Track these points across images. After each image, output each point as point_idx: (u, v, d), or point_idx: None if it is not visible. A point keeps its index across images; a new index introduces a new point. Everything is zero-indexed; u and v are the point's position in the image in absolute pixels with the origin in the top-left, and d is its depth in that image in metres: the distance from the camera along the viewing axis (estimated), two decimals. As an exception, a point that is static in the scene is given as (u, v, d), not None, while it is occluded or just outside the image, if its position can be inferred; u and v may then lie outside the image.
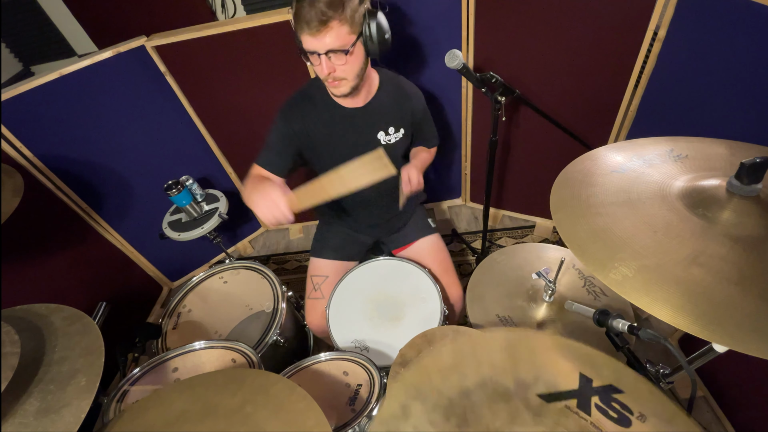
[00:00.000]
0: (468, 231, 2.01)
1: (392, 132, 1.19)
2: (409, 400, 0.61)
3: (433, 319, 1.12)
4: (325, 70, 0.96)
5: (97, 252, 1.67)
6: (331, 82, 1.01)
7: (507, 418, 0.59)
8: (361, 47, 0.98)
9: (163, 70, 1.51)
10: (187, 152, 1.76)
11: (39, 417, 0.64)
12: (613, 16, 1.21)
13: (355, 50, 0.96)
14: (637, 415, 0.58)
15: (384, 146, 1.19)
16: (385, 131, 1.18)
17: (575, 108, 1.45)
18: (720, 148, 0.74)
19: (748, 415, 1.17)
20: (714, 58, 1.10)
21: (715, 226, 0.58)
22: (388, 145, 1.20)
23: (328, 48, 0.92)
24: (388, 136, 1.19)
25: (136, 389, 1.01)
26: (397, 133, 1.20)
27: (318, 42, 0.92)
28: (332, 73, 0.97)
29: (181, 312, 1.32)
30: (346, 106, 1.14)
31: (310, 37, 0.91)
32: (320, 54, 0.93)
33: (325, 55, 0.94)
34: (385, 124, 1.18)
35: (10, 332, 0.70)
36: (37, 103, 1.35)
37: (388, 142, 1.19)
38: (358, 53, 0.98)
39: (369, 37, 0.96)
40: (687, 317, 0.49)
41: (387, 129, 1.18)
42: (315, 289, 1.32)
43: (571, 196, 0.71)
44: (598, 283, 1.06)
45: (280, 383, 0.75)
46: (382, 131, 1.18)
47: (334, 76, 0.98)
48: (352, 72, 1.00)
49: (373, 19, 0.95)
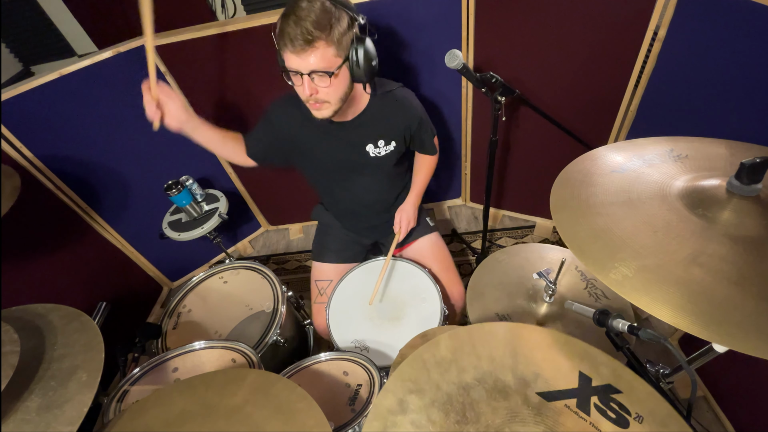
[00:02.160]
0: (468, 231, 2.01)
1: (382, 145, 1.16)
2: (407, 394, 0.61)
3: (433, 319, 1.12)
4: (307, 91, 0.92)
5: (97, 252, 1.67)
6: (313, 104, 0.97)
7: (507, 415, 0.59)
8: (347, 72, 0.95)
9: (163, 70, 1.51)
10: (187, 152, 1.75)
11: (41, 413, 0.64)
12: (613, 16, 1.21)
13: (340, 74, 0.93)
14: (634, 416, 0.58)
15: (373, 158, 1.17)
16: (374, 144, 1.15)
17: (575, 108, 1.45)
18: (720, 148, 0.74)
19: (748, 415, 1.17)
20: (714, 58, 1.10)
21: (715, 226, 0.58)
22: (377, 158, 1.17)
23: (312, 69, 0.88)
24: (378, 149, 1.16)
25: (136, 389, 1.01)
26: (388, 146, 1.16)
27: (301, 61, 0.88)
28: (314, 95, 0.94)
29: (181, 312, 1.32)
30: (334, 120, 1.10)
31: (293, 55, 0.87)
32: (303, 74, 0.90)
33: (307, 76, 0.90)
34: (375, 138, 1.15)
35: (9, 331, 0.70)
36: (37, 103, 1.35)
37: (378, 154, 1.17)
38: (342, 77, 0.94)
39: (356, 62, 0.92)
40: (687, 317, 0.49)
41: (376, 142, 1.15)
42: (320, 293, 1.32)
43: (571, 196, 0.71)
44: (600, 285, 1.06)
45: (280, 383, 0.75)
46: (371, 144, 1.15)
47: (315, 98, 0.95)
48: (335, 96, 0.96)
49: (360, 44, 0.91)
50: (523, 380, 0.63)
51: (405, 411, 0.59)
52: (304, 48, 0.86)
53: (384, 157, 1.18)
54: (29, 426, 0.63)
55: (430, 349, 0.67)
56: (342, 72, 0.93)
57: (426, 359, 0.65)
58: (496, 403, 0.60)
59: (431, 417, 0.58)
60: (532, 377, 0.63)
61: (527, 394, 0.61)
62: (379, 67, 0.98)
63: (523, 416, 0.59)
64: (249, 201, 2.07)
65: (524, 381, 0.63)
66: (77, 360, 0.71)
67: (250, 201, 2.07)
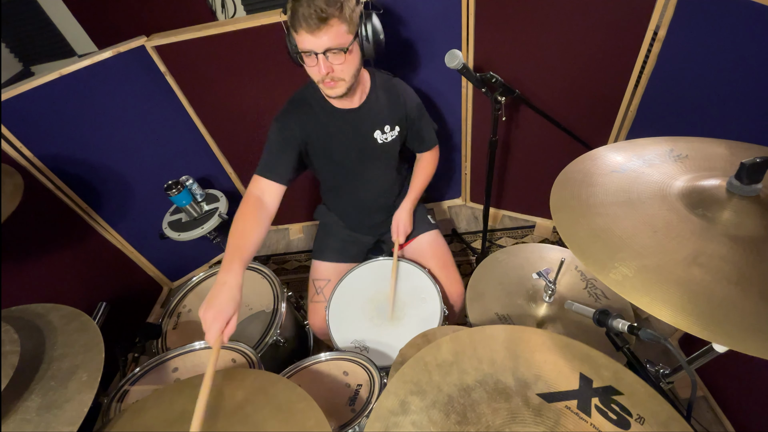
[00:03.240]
0: (468, 231, 2.01)
1: (388, 130, 1.20)
2: (408, 395, 0.61)
3: (432, 319, 1.12)
4: (323, 70, 0.95)
5: (97, 252, 1.67)
6: (328, 83, 0.99)
7: (507, 416, 0.59)
8: (358, 47, 0.98)
9: (163, 70, 1.51)
10: (187, 152, 1.75)
11: (41, 413, 0.65)
12: (613, 16, 1.21)
13: (353, 49, 0.96)
14: (635, 418, 0.58)
15: (381, 144, 1.21)
16: (381, 130, 1.19)
17: (575, 108, 1.45)
18: (720, 148, 0.74)
19: (748, 415, 1.17)
20: (714, 58, 1.10)
21: (715, 226, 0.58)
22: (385, 144, 1.21)
23: (327, 47, 0.91)
24: (384, 134, 1.20)
25: (136, 389, 1.01)
26: (393, 131, 1.21)
27: (316, 40, 0.90)
28: (330, 73, 0.96)
29: (181, 312, 1.32)
30: (342, 108, 1.14)
31: (308, 35, 0.90)
32: (317, 54, 0.92)
33: (322, 55, 0.93)
34: (381, 123, 1.18)
35: (9, 331, 0.70)
36: (37, 103, 1.35)
37: (385, 140, 1.20)
38: (355, 53, 0.98)
39: (365, 37, 0.97)
40: (687, 317, 0.49)
41: (383, 128, 1.19)
42: (317, 292, 1.33)
43: (571, 196, 0.71)
44: (600, 285, 1.06)
45: (280, 383, 0.75)
46: (378, 130, 1.19)
47: (332, 76, 0.98)
48: (349, 72, 0.99)
49: (369, 20, 0.96)
50: (523, 382, 0.63)
51: (406, 412, 0.59)
52: (318, 26, 0.88)
53: (390, 143, 1.22)
54: (29, 426, 0.63)
55: (431, 351, 0.67)
56: (354, 48, 0.97)
57: (428, 361, 0.66)
58: (496, 405, 0.60)
59: (432, 418, 0.58)
60: (532, 379, 0.63)
61: (528, 396, 0.62)
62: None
63: (523, 417, 0.59)
64: (249, 201, 2.07)
65: (525, 383, 0.63)
66: (77, 360, 0.71)
67: (250, 201, 2.07)
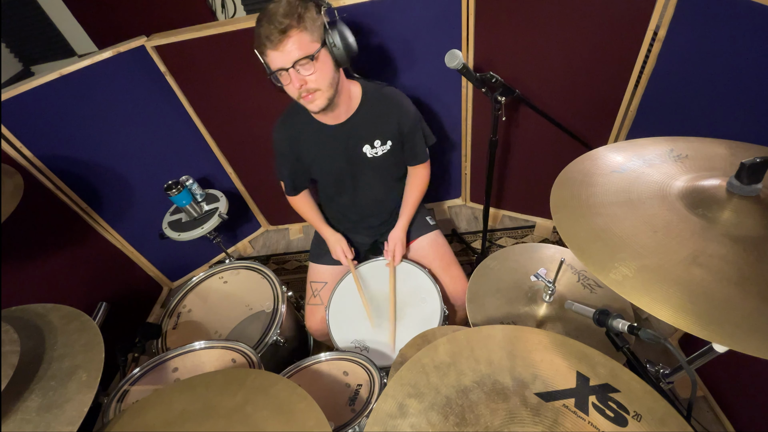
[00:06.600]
0: (468, 231, 2.01)
1: (378, 145, 1.17)
2: (406, 398, 0.61)
3: (433, 319, 1.12)
4: (296, 83, 0.95)
5: (97, 252, 1.67)
6: (305, 97, 0.99)
7: (506, 417, 0.59)
8: (327, 55, 0.97)
9: (163, 70, 1.51)
10: (187, 152, 1.75)
11: (41, 413, 0.65)
12: (613, 16, 1.21)
13: (321, 56, 0.95)
14: (632, 415, 0.58)
15: (371, 159, 1.19)
16: (370, 144, 1.17)
17: (575, 108, 1.45)
18: (720, 148, 0.74)
19: (748, 415, 1.17)
20: (714, 58, 1.10)
21: (715, 226, 0.58)
22: (375, 158, 1.19)
23: (294, 59, 0.91)
24: (375, 149, 1.18)
25: (136, 389, 1.01)
26: (384, 146, 1.18)
27: (282, 55, 0.91)
28: (304, 85, 0.96)
29: (181, 312, 1.32)
30: (330, 124, 1.14)
31: (273, 51, 0.91)
32: (287, 69, 0.92)
33: (293, 69, 0.93)
34: (371, 138, 1.16)
35: (9, 331, 0.70)
36: (37, 103, 1.35)
37: (375, 155, 1.18)
38: (324, 60, 0.96)
39: (333, 44, 0.96)
40: (687, 317, 0.49)
41: (372, 142, 1.17)
42: (314, 295, 1.33)
43: (571, 196, 0.71)
44: (591, 275, 1.06)
45: (280, 383, 0.75)
46: (367, 145, 1.17)
47: (306, 89, 0.97)
48: (323, 81, 0.98)
49: (333, 27, 0.95)
50: (521, 382, 0.63)
51: (404, 415, 0.59)
52: (280, 39, 0.90)
53: (381, 157, 1.19)
54: (29, 426, 0.63)
55: (428, 353, 0.67)
56: (322, 55, 0.96)
57: (425, 363, 0.66)
58: (494, 405, 0.60)
59: (430, 420, 0.58)
60: (530, 378, 0.63)
61: (525, 395, 0.62)
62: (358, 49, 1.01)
63: (521, 417, 0.59)
64: (249, 201, 2.07)
65: (522, 382, 0.63)
66: (77, 360, 0.71)
67: (250, 201, 2.07)
